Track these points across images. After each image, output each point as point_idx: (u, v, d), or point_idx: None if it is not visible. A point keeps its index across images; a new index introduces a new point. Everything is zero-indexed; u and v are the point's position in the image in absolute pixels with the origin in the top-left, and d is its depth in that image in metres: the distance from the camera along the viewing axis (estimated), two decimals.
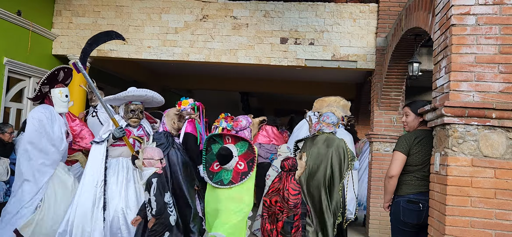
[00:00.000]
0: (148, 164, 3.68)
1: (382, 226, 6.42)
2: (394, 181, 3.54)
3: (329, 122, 4.54)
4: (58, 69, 4.67)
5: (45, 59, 7.33)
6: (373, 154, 6.72)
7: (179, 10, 7.28)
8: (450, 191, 2.92)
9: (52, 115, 4.62)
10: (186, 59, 7.26)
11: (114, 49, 7.36)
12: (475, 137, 2.95)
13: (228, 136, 4.18)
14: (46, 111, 4.59)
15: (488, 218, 2.89)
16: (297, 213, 3.80)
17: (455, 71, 3.03)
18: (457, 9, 3.06)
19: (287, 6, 7.15)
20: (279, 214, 3.79)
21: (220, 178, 4.10)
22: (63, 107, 4.72)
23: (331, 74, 9.53)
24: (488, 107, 2.90)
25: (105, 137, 4.32)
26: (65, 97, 4.72)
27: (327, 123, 4.53)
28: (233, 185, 4.02)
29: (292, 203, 3.74)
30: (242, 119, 5.09)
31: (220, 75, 11.01)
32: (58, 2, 7.55)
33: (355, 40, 6.99)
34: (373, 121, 6.85)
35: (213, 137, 4.22)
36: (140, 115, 4.51)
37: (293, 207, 3.76)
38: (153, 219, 3.60)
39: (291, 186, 3.79)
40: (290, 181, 3.82)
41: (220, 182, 4.07)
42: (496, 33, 3.00)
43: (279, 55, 7.09)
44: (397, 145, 3.56)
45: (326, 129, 4.50)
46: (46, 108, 4.64)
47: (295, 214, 3.79)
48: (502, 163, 2.90)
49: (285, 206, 3.77)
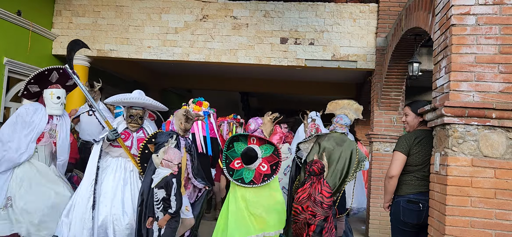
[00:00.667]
0: (165, 165, 3.76)
1: (382, 226, 6.42)
2: (394, 181, 3.54)
3: (342, 123, 4.66)
4: (49, 69, 4.58)
5: (45, 59, 7.32)
6: (373, 154, 6.72)
7: (179, 10, 7.28)
8: (450, 191, 2.93)
9: (36, 113, 4.52)
10: (186, 59, 7.26)
11: (114, 49, 7.36)
12: (475, 137, 2.95)
13: (253, 137, 4.21)
14: (30, 108, 4.53)
15: (488, 218, 2.89)
16: (329, 214, 3.85)
17: (455, 71, 3.03)
18: (457, 9, 3.06)
19: (287, 6, 7.15)
20: (311, 218, 3.82)
21: (241, 176, 4.10)
22: (55, 109, 4.62)
23: (331, 74, 9.53)
24: (488, 107, 2.90)
25: (101, 137, 4.38)
26: (56, 99, 4.61)
27: (340, 124, 4.65)
28: (254, 185, 4.05)
29: (326, 205, 3.82)
30: (251, 122, 5.09)
31: (220, 75, 11.00)
32: (58, 2, 7.54)
33: (355, 40, 6.99)
34: (373, 121, 6.85)
35: (237, 136, 4.23)
36: (139, 120, 4.54)
37: (328, 209, 3.83)
38: (168, 217, 3.70)
39: (325, 189, 3.90)
40: (323, 184, 3.92)
41: (241, 180, 4.07)
42: (496, 33, 3.00)
43: (279, 55, 7.09)
44: (397, 145, 3.56)
45: (339, 129, 4.62)
46: (32, 105, 4.59)
47: (327, 216, 3.83)
48: (502, 163, 2.90)
49: (319, 209, 3.81)
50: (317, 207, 3.83)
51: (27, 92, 4.58)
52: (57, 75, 4.66)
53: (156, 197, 3.77)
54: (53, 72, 4.61)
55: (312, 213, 3.83)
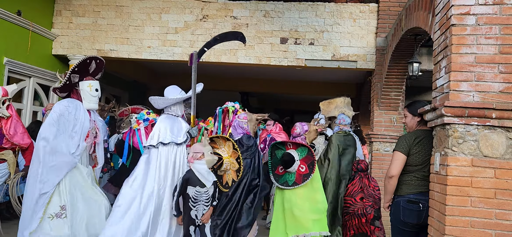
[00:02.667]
0: None
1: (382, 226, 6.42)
2: (394, 181, 3.54)
3: (346, 123, 5.11)
4: (90, 58, 4.19)
5: (45, 59, 7.32)
6: (373, 154, 6.72)
7: (179, 10, 7.28)
8: (450, 191, 2.92)
9: (78, 110, 4.09)
10: (186, 59, 7.24)
11: (114, 49, 7.36)
12: (475, 137, 2.94)
13: (290, 143, 4.52)
14: (70, 104, 4.06)
15: (488, 218, 2.89)
16: (380, 205, 4.55)
17: (455, 71, 3.03)
18: (457, 9, 3.06)
19: (287, 6, 7.15)
20: (368, 207, 4.52)
21: (285, 180, 4.39)
22: (93, 102, 4.20)
23: (331, 74, 9.52)
24: (488, 107, 2.90)
25: (186, 133, 4.34)
26: (95, 91, 4.20)
27: (344, 124, 5.09)
28: (296, 185, 4.32)
29: (377, 197, 4.59)
30: (297, 127, 5.24)
31: (220, 75, 11.00)
32: (58, 2, 7.55)
33: (355, 40, 6.99)
34: (373, 121, 6.85)
35: (276, 145, 4.53)
36: None
37: (378, 200, 4.57)
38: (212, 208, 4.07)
39: (374, 182, 4.72)
40: (371, 179, 4.73)
41: (285, 183, 4.38)
42: (496, 33, 3.00)
43: (279, 55, 7.09)
44: (397, 145, 3.56)
45: (346, 129, 5.11)
46: (70, 101, 4.11)
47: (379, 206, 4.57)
48: (502, 163, 2.90)
49: (373, 200, 4.55)
50: (371, 198, 4.54)
51: (69, 82, 4.13)
52: (95, 65, 4.27)
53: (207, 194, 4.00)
54: (92, 61, 4.22)
55: (369, 203, 4.53)
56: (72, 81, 4.14)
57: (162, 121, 4.38)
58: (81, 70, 4.15)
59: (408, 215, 3.46)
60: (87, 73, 4.24)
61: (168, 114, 4.51)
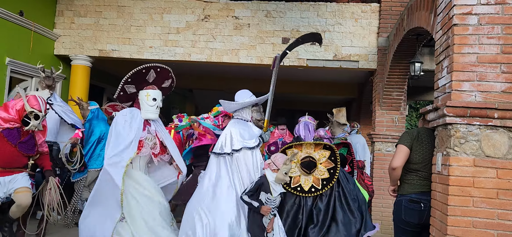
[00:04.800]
0: None
1: (384, 226, 6.40)
2: (398, 171, 3.55)
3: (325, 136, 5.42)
4: (146, 68, 4.15)
5: (47, 59, 7.33)
6: (375, 154, 6.71)
7: (180, 10, 7.29)
8: (452, 191, 2.92)
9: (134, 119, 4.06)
10: (187, 59, 7.27)
11: (116, 49, 7.37)
12: (477, 137, 2.94)
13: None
14: (127, 114, 4.07)
15: (490, 218, 2.89)
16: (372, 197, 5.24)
17: (457, 71, 3.02)
18: (459, 9, 3.06)
19: (288, 6, 7.14)
20: None
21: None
22: (150, 112, 4.12)
23: (333, 74, 9.52)
24: (490, 107, 2.89)
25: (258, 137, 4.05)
26: (152, 101, 4.11)
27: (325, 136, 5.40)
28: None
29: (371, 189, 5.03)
30: (321, 130, 5.25)
31: (221, 75, 11.00)
32: (60, 3, 7.56)
33: (357, 40, 6.99)
34: (375, 121, 6.85)
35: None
36: None
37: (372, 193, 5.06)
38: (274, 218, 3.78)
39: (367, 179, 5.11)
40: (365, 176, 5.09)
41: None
42: (498, 33, 3.00)
43: None
44: (401, 139, 3.57)
45: None
46: (129, 111, 4.11)
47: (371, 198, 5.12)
48: (504, 163, 2.89)
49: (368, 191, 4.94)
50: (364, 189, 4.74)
51: (123, 93, 4.13)
52: (154, 74, 4.24)
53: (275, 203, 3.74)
54: (150, 70, 4.19)
55: None
56: (127, 91, 4.13)
57: (233, 125, 4.19)
58: (136, 80, 4.12)
59: (409, 215, 3.46)
60: (145, 82, 4.20)
61: (238, 119, 4.31)
